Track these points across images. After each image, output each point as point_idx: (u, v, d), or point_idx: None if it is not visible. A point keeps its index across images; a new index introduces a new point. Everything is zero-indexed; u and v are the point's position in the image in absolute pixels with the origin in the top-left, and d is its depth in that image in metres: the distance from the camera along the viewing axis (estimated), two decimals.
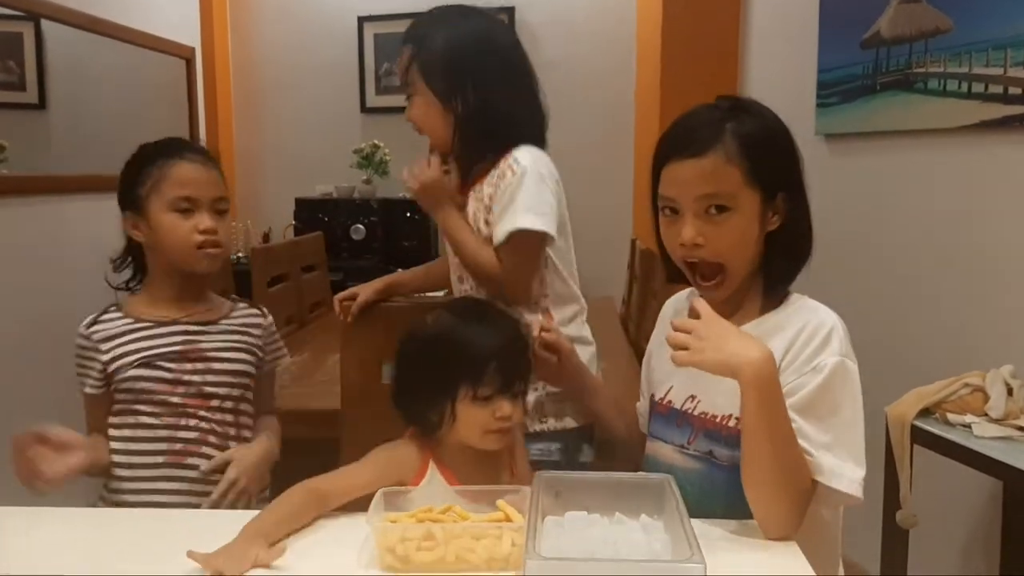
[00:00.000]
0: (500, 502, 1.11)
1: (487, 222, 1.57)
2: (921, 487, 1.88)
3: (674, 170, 1.24)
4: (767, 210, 1.24)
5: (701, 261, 1.24)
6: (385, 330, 1.68)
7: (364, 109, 4.76)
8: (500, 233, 1.53)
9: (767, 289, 1.26)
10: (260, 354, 1.66)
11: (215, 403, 1.57)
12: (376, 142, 4.58)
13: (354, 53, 4.71)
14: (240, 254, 4.41)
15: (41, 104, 3.31)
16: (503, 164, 1.56)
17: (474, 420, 1.26)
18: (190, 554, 1.06)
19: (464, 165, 1.62)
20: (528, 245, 1.54)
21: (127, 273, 1.66)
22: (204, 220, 1.54)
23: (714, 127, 1.22)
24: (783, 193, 1.24)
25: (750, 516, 1.16)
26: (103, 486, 1.55)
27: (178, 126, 4.27)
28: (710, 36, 3.34)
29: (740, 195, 1.21)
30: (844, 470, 1.13)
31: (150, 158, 1.57)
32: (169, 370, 1.55)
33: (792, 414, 1.14)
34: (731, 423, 1.21)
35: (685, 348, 1.13)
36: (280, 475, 1.51)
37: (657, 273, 2.69)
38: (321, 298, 3.63)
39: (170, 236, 1.55)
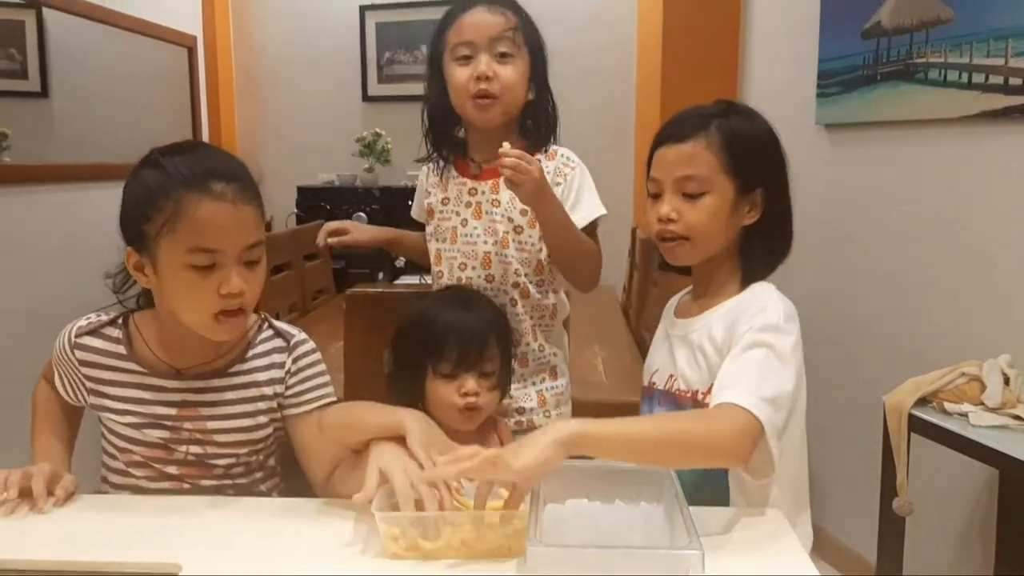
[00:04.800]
0: (503, 491, 1.12)
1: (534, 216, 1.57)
2: (918, 476, 1.89)
3: (660, 154, 1.36)
4: (742, 202, 1.33)
5: (672, 235, 1.33)
6: (388, 318, 1.69)
7: (366, 97, 4.76)
8: (583, 219, 1.59)
9: (745, 278, 1.35)
10: (281, 402, 1.37)
11: (219, 472, 1.35)
12: (378, 130, 4.59)
13: (356, 42, 4.71)
14: None
15: (43, 92, 3.30)
16: (555, 159, 1.63)
17: (441, 397, 1.35)
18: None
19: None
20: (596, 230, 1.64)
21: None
22: (229, 279, 1.21)
23: (702, 120, 1.34)
24: (762, 190, 1.34)
25: (715, 481, 1.26)
26: (101, 479, 1.40)
27: (180, 115, 4.27)
28: (711, 25, 3.34)
29: (714, 180, 1.31)
30: (749, 397, 1.13)
31: (163, 183, 1.20)
32: (160, 439, 1.32)
33: (725, 363, 1.22)
34: (699, 397, 1.30)
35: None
36: (283, 465, 1.50)
37: (656, 261, 2.71)
38: (324, 286, 3.65)
39: (182, 297, 1.24)
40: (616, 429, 1.06)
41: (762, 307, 1.26)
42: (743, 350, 1.21)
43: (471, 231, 1.61)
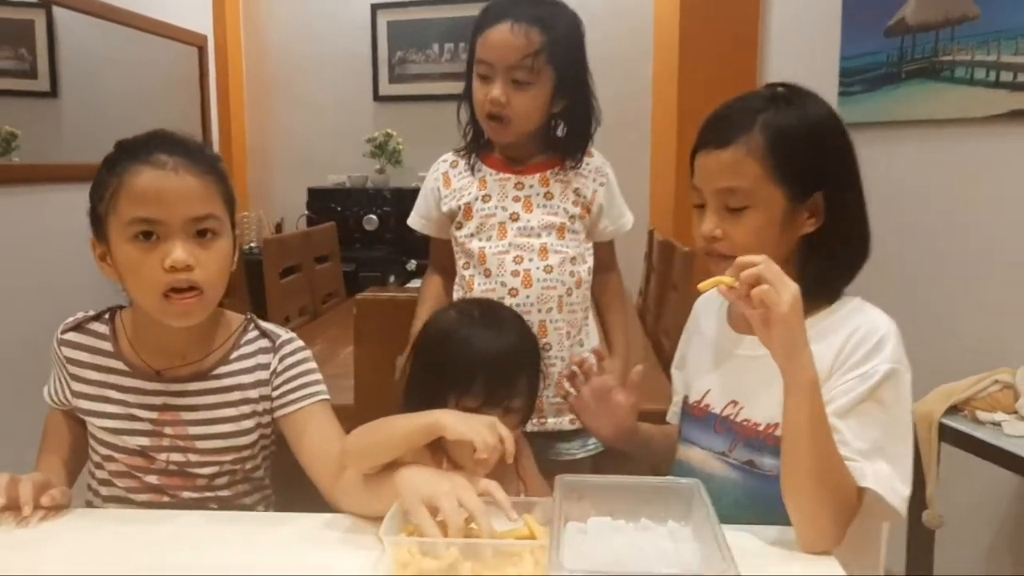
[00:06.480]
0: (526, 516, 1.05)
1: (585, 207, 1.60)
2: (948, 486, 1.84)
3: (700, 160, 1.21)
4: (799, 210, 1.17)
5: (720, 256, 1.18)
6: (399, 323, 1.65)
7: (377, 97, 4.72)
8: (627, 224, 1.67)
9: (806, 293, 1.10)
10: (268, 405, 1.31)
11: (202, 482, 1.29)
12: (389, 131, 4.54)
13: (367, 41, 4.67)
14: (252, 245, 4.38)
15: (53, 92, 3.30)
16: (594, 156, 1.64)
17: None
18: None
19: (557, 152, 1.62)
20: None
21: None
22: (172, 251, 1.15)
23: (745, 117, 1.17)
24: (823, 192, 1.18)
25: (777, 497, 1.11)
26: (88, 487, 1.35)
27: (190, 115, 4.25)
28: (729, 23, 3.29)
29: (758, 193, 1.15)
30: (887, 479, 1.06)
31: (113, 161, 1.20)
32: (139, 446, 1.26)
33: (835, 420, 1.07)
34: (777, 432, 1.14)
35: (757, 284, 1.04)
36: (287, 473, 1.41)
37: (676, 264, 2.65)
38: (334, 289, 3.60)
39: (130, 276, 1.19)
40: (821, 404, 1.04)
41: (881, 339, 1.12)
42: (871, 397, 1.09)
43: (525, 224, 1.58)
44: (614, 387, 1.34)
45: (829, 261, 1.19)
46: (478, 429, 1.07)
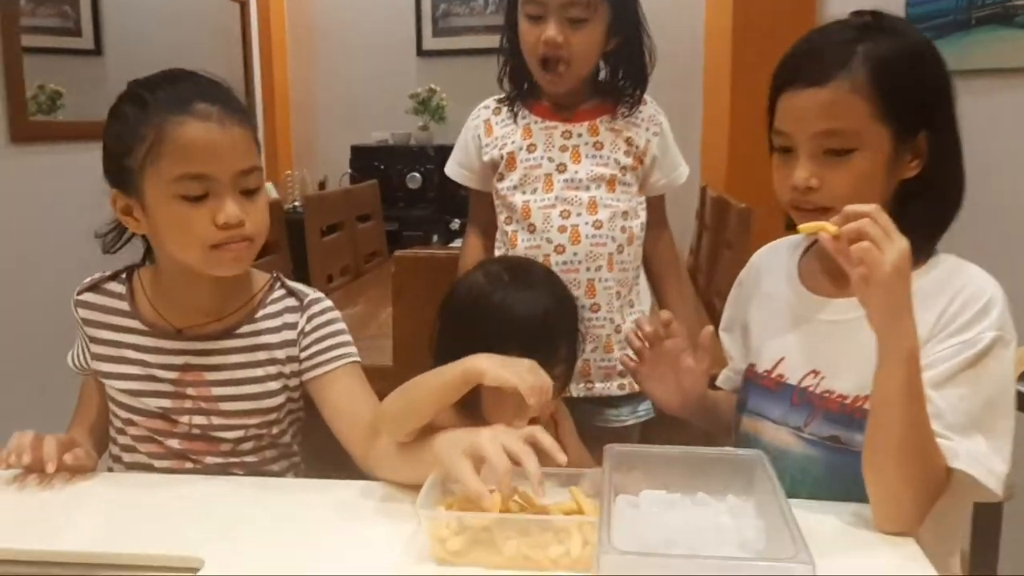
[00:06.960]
0: (573, 489, 0.98)
1: (638, 158, 1.53)
2: (1020, 455, 1.74)
3: (790, 100, 1.07)
4: (902, 152, 1.06)
5: (814, 208, 1.06)
6: (439, 282, 1.59)
7: (421, 52, 4.63)
8: (682, 176, 1.60)
9: (914, 246, 1.01)
10: (295, 367, 1.25)
11: (226, 447, 1.24)
12: (433, 86, 4.46)
13: None
14: (296, 203, 4.35)
15: (97, 50, 3.29)
16: (648, 104, 1.56)
17: (498, 407, 1.12)
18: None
19: (608, 98, 1.55)
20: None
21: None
22: (225, 208, 1.11)
23: (842, 49, 1.04)
24: (926, 132, 1.06)
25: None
26: (110, 455, 1.31)
27: (233, 71, 4.22)
28: None
29: (866, 133, 1.04)
30: (983, 458, 0.98)
31: (142, 110, 1.13)
32: (160, 408, 1.22)
33: (929, 391, 0.98)
34: (866, 406, 1.03)
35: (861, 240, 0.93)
36: (321, 438, 1.35)
37: (730, 222, 2.55)
38: (376, 248, 3.56)
39: (176, 234, 1.14)
40: (919, 376, 0.94)
41: (987, 303, 1.02)
42: (973, 366, 0.99)
43: (572, 176, 1.50)
44: (684, 350, 1.23)
45: (929, 208, 1.09)
46: (520, 372, 1.01)
